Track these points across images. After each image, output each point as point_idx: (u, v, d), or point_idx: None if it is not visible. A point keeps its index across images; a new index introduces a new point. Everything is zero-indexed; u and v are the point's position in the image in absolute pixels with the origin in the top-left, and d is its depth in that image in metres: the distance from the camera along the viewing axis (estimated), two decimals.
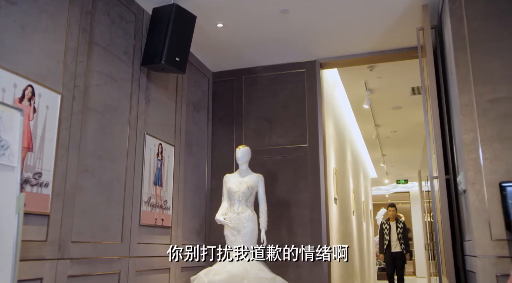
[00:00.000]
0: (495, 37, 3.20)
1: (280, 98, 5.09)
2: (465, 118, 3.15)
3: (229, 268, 3.79)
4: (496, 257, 2.88)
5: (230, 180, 4.26)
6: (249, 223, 4.04)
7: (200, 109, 5.03)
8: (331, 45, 4.71)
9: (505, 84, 3.11)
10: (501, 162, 3.01)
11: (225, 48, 4.76)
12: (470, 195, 3.03)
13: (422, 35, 3.90)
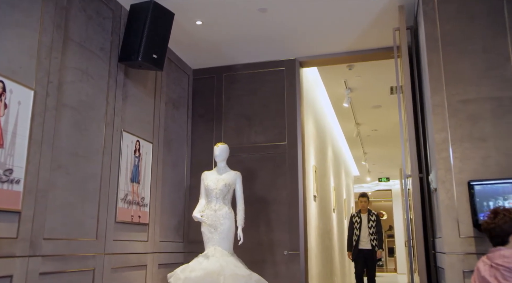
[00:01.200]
0: (467, 39, 3.27)
1: (259, 96, 5.12)
2: (437, 118, 3.21)
3: (205, 265, 3.81)
4: (464, 254, 2.95)
5: (208, 177, 4.27)
6: (226, 220, 4.07)
7: (180, 107, 5.03)
8: (310, 44, 4.75)
9: (475, 85, 3.19)
10: (471, 161, 3.09)
11: (205, 45, 4.77)
12: (440, 193, 3.10)
13: (398, 35, 3.96)
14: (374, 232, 6.80)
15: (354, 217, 7.07)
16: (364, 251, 6.81)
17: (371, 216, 6.94)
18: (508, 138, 3.04)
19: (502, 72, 3.14)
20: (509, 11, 3.20)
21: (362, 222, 6.93)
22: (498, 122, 3.09)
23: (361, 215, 7.02)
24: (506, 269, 2.34)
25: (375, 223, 6.86)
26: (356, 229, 6.94)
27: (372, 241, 6.79)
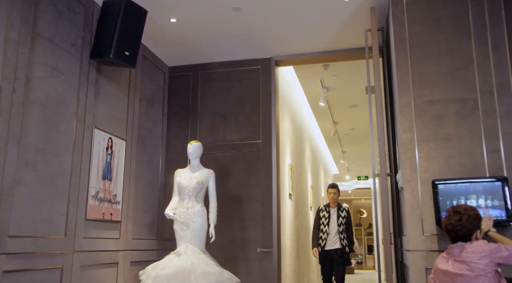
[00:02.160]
0: (433, 41, 3.34)
1: (235, 94, 5.13)
2: (404, 118, 3.28)
3: (176, 263, 3.83)
4: (427, 251, 3.03)
5: (181, 175, 4.28)
6: (198, 218, 4.08)
7: (155, 104, 5.01)
8: (285, 43, 4.78)
9: (441, 86, 3.27)
10: (435, 161, 3.17)
11: (181, 43, 4.76)
12: (405, 192, 3.17)
13: (370, 36, 4.02)
14: (344, 230, 5.73)
15: (322, 212, 5.89)
16: (332, 252, 5.68)
17: (341, 211, 5.83)
18: (471, 139, 3.13)
19: (466, 74, 3.23)
20: (474, 15, 3.28)
21: (330, 218, 5.77)
22: (461, 123, 3.17)
23: (330, 209, 5.83)
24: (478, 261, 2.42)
25: (346, 219, 5.77)
26: (324, 225, 5.77)
27: (341, 240, 5.68)
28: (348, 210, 5.94)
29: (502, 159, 3.05)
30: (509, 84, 3.13)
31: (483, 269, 2.39)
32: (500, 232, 2.89)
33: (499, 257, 2.42)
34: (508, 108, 3.10)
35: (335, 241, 5.69)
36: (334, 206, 5.86)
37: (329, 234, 5.73)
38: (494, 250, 2.43)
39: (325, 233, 5.74)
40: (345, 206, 5.95)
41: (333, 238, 5.71)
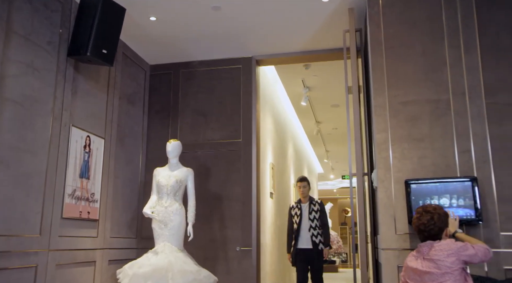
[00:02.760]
0: (408, 43, 3.39)
1: (216, 93, 5.14)
2: (379, 118, 3.33)
3: (154, 261, 3.83)
4: (399, 250, 3.08)
5: (160, 173, 4.28)
6: (177, 217, 4.09)
7: (135, 102, 5.00)
8: (266, 43, 4.81)
9: (415, 87, 3.32)
10: (408, 161, 3.22)
11: (161, 41, 4.75)
12: (379, 191, 3.22)
13: (348, 37, 4.06)
14: (318, 226, 5.19)
15: (293, 209, 5.42)
16: (306, 251, 5.16)
17: (314, 205, 5.29)
18: (443, 140, 3.18)
19: (440, 75, 3.28)
20: (447, 18, 3.34)
21: (302, 214, 5.29)
22: (435, 123, 3.23)
23: (302, 205, 5.36)
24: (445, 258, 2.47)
25: (319, 213, 5.24)
26: (296, 223, 5.28)
27: (315, 237, 5.14)
28: (321, 203, 5.39)
29: (472, 159, 3.11)
30: (480, 85, 3.19)
31: (450, 267, 2.45)
32: (469, 230, 2.97)
33: (465, 255, 2.47)
34: (479, 109, 3.17)
35: (308, 239, 5.17)
36: (306, 200, 5.38)
37: (302, 232, 5.22)
38: (460, 249, 2.48)
39: (298, 230, 5.24)
40: (317, 200, 5.44)
41: (306, 236, 5.19)
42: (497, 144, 3.10)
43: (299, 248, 5.22)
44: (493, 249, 2.93)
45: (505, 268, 2.91)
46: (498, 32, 3.25)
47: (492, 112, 3.15)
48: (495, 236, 2.98)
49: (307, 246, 5.18)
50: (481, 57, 3.23)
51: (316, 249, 5.15)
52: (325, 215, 5.35)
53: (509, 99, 3.14)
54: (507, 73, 3.18)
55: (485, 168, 3.08)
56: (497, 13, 3.27)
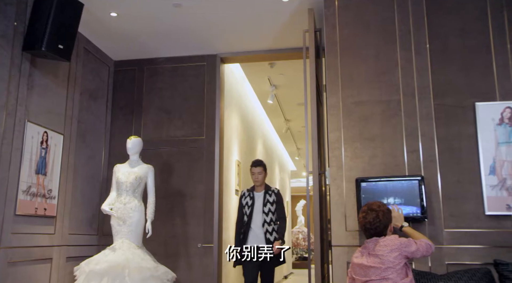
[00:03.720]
0: (362, 45, 3.47)
1: (180, 90, 5.14)
2: (332, 118, 3.40)
3: (111, 258, 3.82)
4: (349, 246, 3.16)
5: (120, 170, 4.27)
6: (135, 213, 4.09)
7: (98, 98, 4.95)
8: (231, 41, 4.83)
9: (368, 88, 3.40)
10: (359, 160, 3.30)
11: (125, 37, 4.72)
12: (331, 189, 3.29)
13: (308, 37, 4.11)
14: (273, 221, 4.32)
15: (244, 198, 4.49)
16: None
17: (269, 195, 4.41)
18: (393, 139, 3.28)
19: (391, 77, 3.37)
20: (399, 21, 3.43)
21: (255, 204, 4.39)
22: (385, 124, 3.32)
23: (255, 193, 4.47)
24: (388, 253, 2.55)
25: (275, 205, 4.38)
26: (246, 215, 4.38)
27: (269, 234, 4.26)
28: (278, 194, 4.48)
29: (420, 159, 3.21)
30: (429, 87, 3.30)
31: (392, 262, 2.53)
32: (415, 227, 3.08)
33: (408, 251, 2.57)
34: (427, 110, 3.27)
35: (261, 234, 4.28)
36: (260, 189, 4.46)
37: (253, 226, 4.32)
38: (403, 244, 2.57)
39: (248, 224, 4.33)
40: (274, 189, 4.52)
41: (259, 231, 4.29)
42: (444, 144, 3.21)
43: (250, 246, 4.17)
44: (437, 245, 3.05)
45: (447, 263, 3.02)
46: (447, 36, 3.35)
47: (439, 113, 3.25)
48: (439, 232, 3.09)
49: (260, 242, 4.24)
50: (431, 59, 3.33)
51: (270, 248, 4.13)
52: (283, 207, 4.46)
53: (456, 101, 3.25)
54: (454, 76, 3.29)
55: (431, 167, 3.18)
56: (446, 18, 3.38)
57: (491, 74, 3.22)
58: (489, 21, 3.29)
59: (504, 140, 3.10)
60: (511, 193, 3.04)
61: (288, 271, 12.22)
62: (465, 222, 3.07)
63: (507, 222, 3.02)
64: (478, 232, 3.05)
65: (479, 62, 3.27)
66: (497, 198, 3.05)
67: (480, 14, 3.32)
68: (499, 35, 3.26)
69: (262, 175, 4.51)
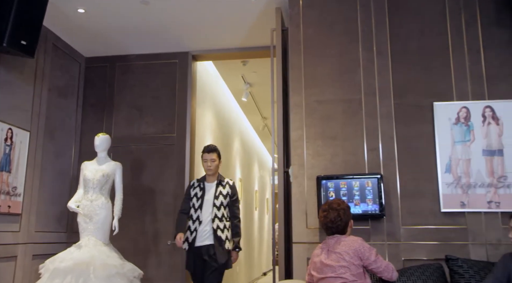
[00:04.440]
0: (326, 44, 3.52)
1: (152, 87, 5.13)
2: (295, 116, 3.44)
3: (76, 255, 3.81)
4: (309, 243, 3.21)
5: (87, 167, 4.24)
6: (102, 211, 4.07)
7: (68, 95, 4.92)
8: (202, 38, 4.83)
9: (330, 87, 3.45)
10: (321, 158, 3.35)
11: (95, 34, 4.69)
12: (293, 187, 3.34)
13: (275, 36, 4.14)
14: (225, 216, 3.79)
15: (193, 188, 3.95)
16: (204, 250, 3.71)
17: (223, 186, 3.89)
18: (354, 138, 3.33)
19: (353, 76, 3.43)
20: (362, 21, 3.49)
21: (204, 197, 3.84)
22: (347, 122, 3.37)
23: (206, 184, 3.92)
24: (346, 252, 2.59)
25: (228, 198, 3.85)
26: (195, 208, 3.82)
27: (221, 231, 3.72)
28: (233, 187, 3.95)
29: (380, 157, 3.27)
30: (390, 87, 3.36)
31: (348, 261, 2.56)
32: (373, 224, 3.14)
33: (366, 256, 2.58)
34: (387, 109, 3.33)
35: (209, 233, 3.73)
36: (213, 179, 3.93)
37: (201, 222, 3.77)
38: (363, 249, 2.59)
39: (196, 220, 3.78)
40: (229, 180, 3.99)
41: (207, 228, 3.74)
42: (403, 143, 3.27)
43: (197, 246, 3.74)
44: (394, 241, 3.13)
45: (404, 259, 3.09)
46: (407, 37, 3.42)
47: (399, 113, 3.32)
48: (396, 229, 3.15)
49: (208, 241, 3.73)
50: (391, 60, 3.39)
51: (221, 249, 3.68)
52: (237, 203, 3.93)
53: (415, 101, 3.32)
54: (414, 76, 3.35)
55: (390, 165, 3.25)
56: (407, 19, 3.44)
57: (449, 74, 3.30)
58: (447, 22, 3.37)
59: (460, 139, 3.18)
60: (465, 190, 3.12)
61: (268, 268, 12.30)
62: (422, 219, 3.14)
63: (461, 219, 3.10)
64: (434, 228, 3.12)
65: (437, 62, 3.34)
66: (452, 196, 3.13)
67: (439, 16, 3.39)
68: (457, 36, 3.34)
69: (216, 163, 3.95)
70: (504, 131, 3.13)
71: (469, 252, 3.04)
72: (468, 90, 3.25)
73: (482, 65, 3.26)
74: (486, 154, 3.13)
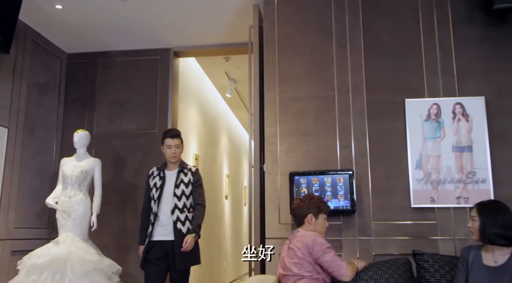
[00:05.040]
0: (300, 41, 3.53)
1: (133, 83, 5.13)
2: (269, 113, 3.46)
3: (54, 251, 3.82)
4: (282, 239, 3.24)
5: (66, 163, 4.25)
6: (80, 207, 4.08)
7: (49, 91, 4.91)
8: (184, 35, 4.84)
9: (304, 84, 3.47)
10: (294, 154, 3.38)
11: (75, 30, 4.68)
12: (266, 183, 3.36)
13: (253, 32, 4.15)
14: (187, 207, 3.44)
15: (153, 178, 3.62)
16: (164, 246, 3.39)
17: (184, 174, 3.54)
18: (327, 135, 3.36)
19: (327, 73, 3.45)
20: (336, 18, 3.50)
21: (165, 186, 3.51)
22: (319, 119, 3.40)
23: (166, 172, 3.60)
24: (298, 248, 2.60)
25: (191, 187, 3.50)
26: (154, 199, 3.49)
27: (181, 223, 3.37)
28: (197, 172, 3.61)
29: (352, 154, 3.30)
30: (363, 84, 3.38)
31: (299, 257, 2.56)
32: (345, 220, 3.17)
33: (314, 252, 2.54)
34: (360, 106, 3.36)
35: (169, 225, 3.39)
36: (174, 167, 3.58)
37: (160, 213, 3.43)
38: (313, 244, 2.55)
39: (156, 212, 3.45)
40: (192, 167, 3.64)
41: (167, 221, 3.40)
42: (375, 140, 3.30)
43: (155, 240, 3.41)
44: (365, 237, 3.17)
45: (374, 254, 3.13)
46: (381, 34, 3.44)
47: (372, 110, 3.35)
48: (367, 225, 3.19)
49: (167, 237, 3.38)
50: (365, 57, 3.41)
51: (182, 244, 3.28)
52: (201, 191, 3.56)
53: (388, 98, 3.34)
54: (386, 73, 3.38)
55: (362, 162, 3.28)
56: (380, 17, 3.46)
57: (421, 71, 3.33)
58: (420, 20, 3.39)
59: (431, 136, 3.22)
60: (435, 186, 3.15)
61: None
62: (392, 215, 3.18)
63: (430, 214, 3.14)
64: (404, 224, 3.16)
65: (410, 59, 3.36)
66: (422, 192, 3.16)
67: (413, 13, 3.42)
68: (429, 33, 3.36)
69: (180, 149, 3.60)
70: (473, 128, 3.16)
71: (438, 246, 3.08)
72: (439, 87, 3.28)
73: (453, 62, 3.29)
74: (456, 150, 3.17)
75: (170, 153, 3.57)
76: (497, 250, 2.32)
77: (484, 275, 2.31)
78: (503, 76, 3.22)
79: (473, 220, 2.40)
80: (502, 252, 2.32)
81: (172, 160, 3.58)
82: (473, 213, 2.42)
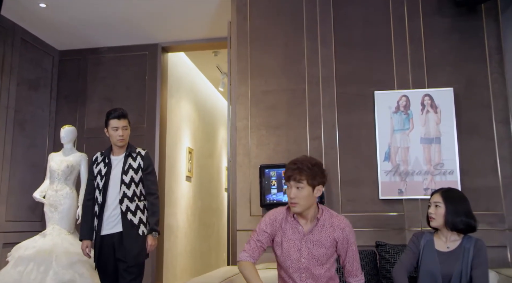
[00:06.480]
0: (272, 35, 3.56)
1: (123, 79, 5.23)
2: (240, 107, 3.50)
3: (40, 244, 3.95)
4: (246, 231, 3.29)
5: (54, 158, 4.37)
6: (67, 200, 4.20)
7: (40, 88, 5.04)
8: (171, 30, 4.90)
9: (276, 77, 3.50)
10: (265, 147, 3.42)
11: (62, 28, 4.78)
12: (238, 176, 3.41)
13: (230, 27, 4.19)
14: (137, 195, 3.06)
15: (97, 164, 3.20)
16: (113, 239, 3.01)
17: (133, 159, 3.12)
18: (297, 127, 3.39)
19: (298, 66, 3.47)
20: (307, 11, 3.51)
21: (111, 172, 3.10)
22: (291, 112, 3.43)
23: (112, 157, 3.18)
24: None
25: (141, 172, 3.11)
26: (99, 188, 3.08)
27: (132, 214, 2.99)
28: (147, 157, 3.19)
29: (322, 145, 3.33)
30: (333, 77, 3.40)
31: None
32: None
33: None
34: (330, 98, 3.37)
35: (118, 216, 3.00)
36: (121, 151, 3.17)
37: (107, 204, 3.04)
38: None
39: (101, 204, 3.04)
40: (141, 150, 3.20)
41: (115, 212, 3.01)
42: (344, 131, 3.32)
43: (104, 235, 3.02)
44: None
45: None
46: (351, 27, 3.44)
47: (341, 102, 3.36)
48: None
49: (117, 229, 3.00)
50: (335, 49, 3.42)
51: (132, 235, 2.96)
52: (153, 177, 3.16)
53: (357, 90, 3.35)
54: (357, 65, 3.39)
55: (332, 154, 3.30)
56: (350, 10, 3.46)
57: (390, 63, 3.33)
58: (390, 13, 3.38)
59: (399, 127, 3.22)
60: (403, 178, 3.16)
61: None
62: (361, 206, 3.21)
63: (398, 206, 3.16)
64: (372, 215, 3.18)
65: (380, 52, 3.36)
66: (391, 183, 3.18)
67: (383, 5, 3.41)
68: (399, 25, 3.35)
69: (128, 131, 3.18)
70: (441, 119, 3.15)
71: (406, 237, 3.10)
72: (409, 79, 3.28)
73: (423, 54, 3.28)
74: (424, 142, 3.17)
75: (116, 136, 3.10)
76: (450, 236, 2.35)
77: (436, 260, 2.33)
78: (472, 67, 3.20)
79: (436, 207, 2.37)
80: (454, 238, 2.34)
81: (119, 143, 3.12)
82: (436, 199, 2.38)
